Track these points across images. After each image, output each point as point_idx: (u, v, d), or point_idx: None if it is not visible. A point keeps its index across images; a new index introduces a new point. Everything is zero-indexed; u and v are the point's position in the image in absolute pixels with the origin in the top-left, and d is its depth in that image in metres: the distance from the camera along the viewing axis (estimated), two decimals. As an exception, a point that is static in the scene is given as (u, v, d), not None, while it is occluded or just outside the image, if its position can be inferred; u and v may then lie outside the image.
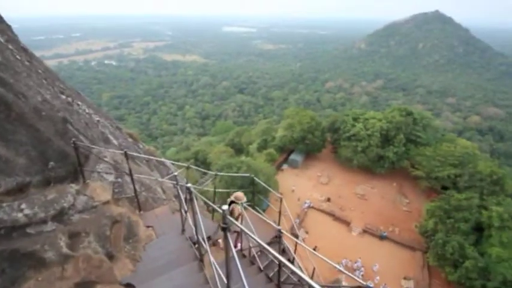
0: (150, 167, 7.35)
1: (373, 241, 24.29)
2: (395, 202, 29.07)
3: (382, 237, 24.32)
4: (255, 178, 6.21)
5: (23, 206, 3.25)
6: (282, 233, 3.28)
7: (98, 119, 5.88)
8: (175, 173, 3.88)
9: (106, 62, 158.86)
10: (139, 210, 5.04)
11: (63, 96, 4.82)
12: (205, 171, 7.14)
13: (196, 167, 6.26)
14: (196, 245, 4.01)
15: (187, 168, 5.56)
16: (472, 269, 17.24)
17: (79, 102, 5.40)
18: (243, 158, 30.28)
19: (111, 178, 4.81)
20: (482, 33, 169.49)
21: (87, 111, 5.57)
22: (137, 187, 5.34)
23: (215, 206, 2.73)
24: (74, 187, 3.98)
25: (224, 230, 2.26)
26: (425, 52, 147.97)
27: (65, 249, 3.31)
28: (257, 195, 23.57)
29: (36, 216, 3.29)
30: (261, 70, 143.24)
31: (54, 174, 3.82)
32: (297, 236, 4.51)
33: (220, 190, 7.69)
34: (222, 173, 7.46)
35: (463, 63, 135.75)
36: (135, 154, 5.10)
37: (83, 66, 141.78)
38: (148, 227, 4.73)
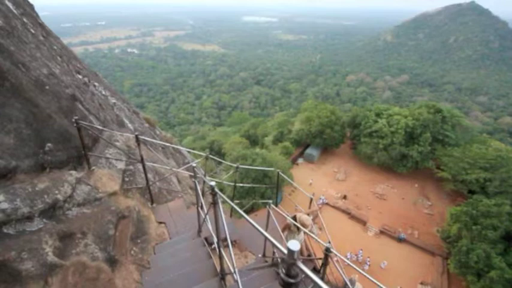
0: (166, 155, 7.07)
1: (390, 243, 23.38)
2: (416, 204, 27.74)
3: (400, 240, 23.35)
4: (280, 173, 5.76)
5: (0, 197, 2.55)
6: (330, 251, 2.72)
7: (114, 101, 5.60)
8: (194, 163, 3.54)
9: (129, 50, 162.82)
10: (152, 202, 4.60)
11: (80, 76, 4.55)
12: (226, 162, 6.67)
13: (216, 158, 5.80)
14: (213, 248, 3.51)
15: (206, 158, 4.94)
16: (497, 280, 16.10)
17: (96, 84, 5.15)
18: (257, 149, 30.00)
19: (121, 165, 4.32)
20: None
21: (103, 92, 5.31)
22: (150, 176, 4.93)
23: (232, 204, 2.25)
24: (73, 175, 3.39)
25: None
26: (457, 46, 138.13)
27: (51, 257, 2.59)
28: (272, 189, 23.24)
29: (18, 212, 2.61)
30: (279, 61, 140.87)
31: (52, 158, 3.24)
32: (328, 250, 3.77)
33: (240, 184, 7.27)
34: (244, 166, 6.81)
35: (498, 60, 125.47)
36: (149, 139, 4.51)
37: (107, 54, 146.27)
38: (160, 223, 4.28)
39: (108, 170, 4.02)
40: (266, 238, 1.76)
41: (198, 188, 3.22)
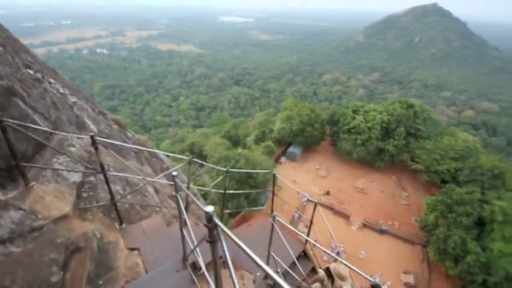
0: (140, 161, 6.11)
1: (373, 235, 24.03)
2: (394, 196, 28.82)
3: (381, 231, 24.07)
4: (277, 175, 5.30)
5: None
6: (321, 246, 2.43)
7: (74, 100, 4.72)
8: (174, 170, 2.93)
9: (98, 50, 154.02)
10: (120, 223, 3.54)
11: (30, 71, 3.71)
12: (215, 167, 5.83)
13: (200, 161, 4.90)
14: (201, 274, 2.82)
15: (190, 163, 4.08)
16: (473, 264, 17.04)
17: (52, 80, 4.27)
18: (240, 150, 29.48)
19: (76, 177, 3.28)
20: (479, 27, 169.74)
21: (61, 90, 4.44)
22: (119, 188, 4.02)
23: (201, 206, 1.64)
24: (-4, 197, 2.40)
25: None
26: (422, 46, 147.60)
27: None
28: (255, 188, 22.74)
29: None
30: (257, 61, 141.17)
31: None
32: (337, 253, 3.37)
33: (231, 191, 6.58)
34: (234, 170, 6.07)
35: (459, 57, 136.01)
36: (115, 142, 3.75)
37: (74, 55, 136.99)
38: (132, 249, 3.26)
39: (56, 185, 3.01)
40: (255, 262, 1.27)
41: (181, 203, 2.45)
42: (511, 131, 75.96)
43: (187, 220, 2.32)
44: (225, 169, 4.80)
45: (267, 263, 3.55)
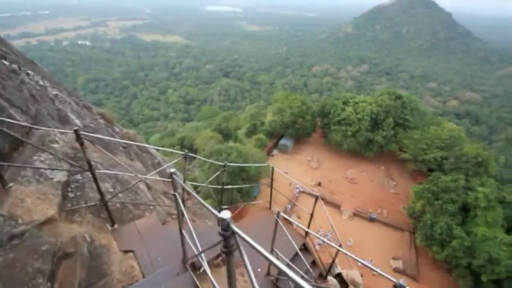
0: (129, 156, 5.80)
1: (363, 223, 24.67)
2: (383, 185, 29.56)
3: (371, 219, 24.74)
4: (275, 168, 5.19)
5: None
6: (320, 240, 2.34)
7: (56, 93, 4.36)
8: (170, 166, 2.75)
9: (79, 42, 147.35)
10: (112, 223, 3.30)
11: (5, 62, 3.36)
12: (212, 161, 5.56)
13: (199, 156, 4.66)
14: (201, 273, 2.69)
15: (185, 158, 3.81)
16: (458, 248, 17.83)
17: (30, 72, 3.89)
18: (231, 143, 29.24)
19: (60, 176, 2.99)
20: (463, 19, 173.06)
21: (40, 83, 4.08)
22: (109, 186, 3.76)
23: (214, 212, 1.50)
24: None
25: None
26: (409, 37, 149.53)
27: None
28: (248, 181, 22.71)
29: None
30: (246, 53, 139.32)
31: None
32: (340, 245, 3.29)
33: (229, 187, 6.41)
34: (232, 164, 5.85)
35: (444, 49, 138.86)
36: (102, 137, 3.38)
37: (54, 47, 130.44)
38: (126, 252, 3.03)
39: (38, 185, 2.73)
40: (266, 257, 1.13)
41: (180, 202, 2.25)
42: (492, 120, 79.04)
43: (188, 221, 2.15)
44: (222, 163, 4.61)
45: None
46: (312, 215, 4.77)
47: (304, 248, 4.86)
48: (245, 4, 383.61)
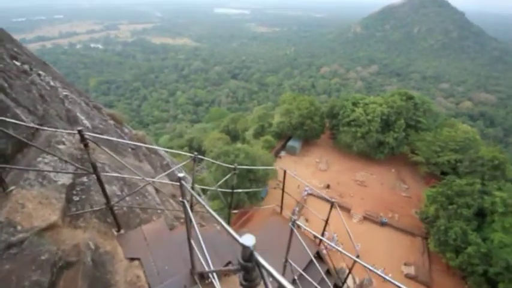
0: (137, 157, 5.71)
1: (374, 227, 24.11)
2: (394, 188, 28.86)
3: (382, 224, 24.15)
4: (286, 171, 5.05)
5: None
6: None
7: (66, 93, 4.36)
8: (178, 170, 2.66)
9: (92, 45, 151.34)
10: (118, 228, 3.16)
11: (17, 62, 3.39)
12: (223, 164, 5.32)
13: (208, 158, 4.52)
14: (209, 282, 2.53)
15: (194, 160, 3.70)
16: (474, 255, 17.14)
17: (41, 72, 3.93)
18: (239, 145, 29.22)
19: (65, 179, 2.85)
20: (477, 17, 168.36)
21: (51, 83, 4.11)
22: (116, 189, 3.63)
23: (235, 236, 1.26)
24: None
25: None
26: (420, 36, 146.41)
27: None
28: (255, 183, 22.60)
29: None
30: (254, 54, 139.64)
31: None
32: (357, 256, 3.08)
33: (240, 190, 6.28)
34: (242, 166, 5.71)
35: (457, 48, 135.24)
36: (110, 138, 3.28)
37: (67, 50, 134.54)
38: (132, 259, 2.88)
39: (41, 188, 2.59)
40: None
41: (189, 210, 2.06)
42: (508, 122, 76.29)
43: (196, 228, 2.01)
44: (232, 166, 4.49)
45: (284, 270, 3.29)
46: (326, 222, 4.59)
47: (318, 256, 4.68)
48: (253, 6, 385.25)
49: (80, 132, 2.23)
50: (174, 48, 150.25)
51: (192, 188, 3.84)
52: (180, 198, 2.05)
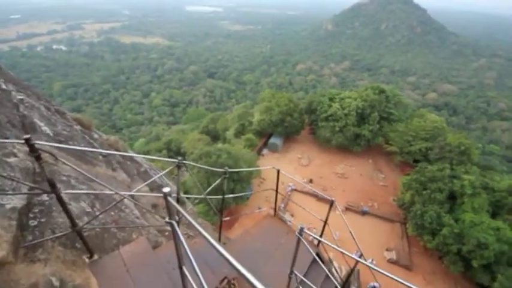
0: (110, 166, 5.10)
1: (356, 217, 24.91)
2: (372, 178, 30.03)
3: (363, 213, 25.03)
4: (280, 171, 4.79)
5: None
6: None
7: (21, 97, 3.76)
8: (163, 179, 2.31)
9: (54, 47, 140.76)
10: (90, 255, 2.62)
11: None
12: (211, 168, 4.59)
13: (196, 164, 3.83)
14: None
15: (179, 167, 3.16)
16: (448, 236, 18.28)
17: None
18: (220, 145, 28.72)
19: (16, 201, 2.28)
20: (438, 14, 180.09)
21: (3, 86, 3.53)
22: (86, 205, 3.08)
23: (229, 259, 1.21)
24: None
25: None
26: (388, 32, 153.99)
27: None
28: (239, 182, 22.29)
29: None
30: (230, 53, 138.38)
31: None
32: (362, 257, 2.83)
33: (231, 195, 5.88)
34: (233, 170, 5.24)
35: (421, 43, 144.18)
36: (67, 147, 2.47)
37: (27, 52, 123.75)
38: None
39: None
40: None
41: (179, 232, 1.67)
42: (469, 110, 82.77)
43: (187, 248, 1.64)
44: (223, 170, 4.08)
45: (289, 283, 3.02)
46: (325, 222, 4.40)
47: (318, 258, 4.48)
48: (226, 4, 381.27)
49: (27, 141, 1.73)
50: (145, 47, 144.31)
51: (178, 199, 3.44)
52: (167, 219, 1.70)
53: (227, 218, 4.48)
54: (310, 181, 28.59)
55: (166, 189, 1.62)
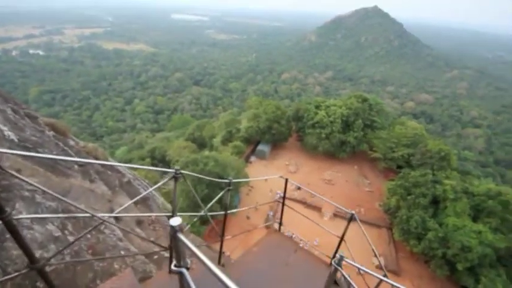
0: (88, 176, 4.41)
1: (343, 223, 24.79)
2: (358, 184, 30.51)
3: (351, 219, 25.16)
4: (288, 180, 4.34)
5: None
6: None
7: None
8: (152, 189, 1.86)
9: (31, 51, 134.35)
10: None
11: None
12: (212, 179, 3.63)
13: (196, 174, 3.00)
14: None
15: (175, 178, 2.43)
16: (433, 240, 18.71)
17: None
18: (207, 152, 28.12)
19: None
20: (413, 28, 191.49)
21: None
22: (54, 228, 2.47)
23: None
24: None
25: None
26: (367, 45, 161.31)
27: None
28: (230, 191, 21.90)
29: None
30: (216, 61, 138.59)
31: None
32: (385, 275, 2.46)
33: (234, 210, 5.34)
34: (237, 180, 4.49)
35: (398, 55, 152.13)
36: (25, 154, 1.49)
37: (1, 57, 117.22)
38: None
39: None
40: None
41: (191, 282, 1.24)
42: (444, 118, 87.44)
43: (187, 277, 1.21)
44: (227, 180, 3.27)
45: None
46: (342, 238, 3.93)
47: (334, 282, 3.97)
48: (212, 13, 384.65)
49: None
50: (128, 53, 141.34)
51: (173, 212, 2.85)
52: (173, 266, 1.27)
53: (228, 237, 3.97)
54: (299, 188, 28.53)
55: (175, 222, 1.24)
